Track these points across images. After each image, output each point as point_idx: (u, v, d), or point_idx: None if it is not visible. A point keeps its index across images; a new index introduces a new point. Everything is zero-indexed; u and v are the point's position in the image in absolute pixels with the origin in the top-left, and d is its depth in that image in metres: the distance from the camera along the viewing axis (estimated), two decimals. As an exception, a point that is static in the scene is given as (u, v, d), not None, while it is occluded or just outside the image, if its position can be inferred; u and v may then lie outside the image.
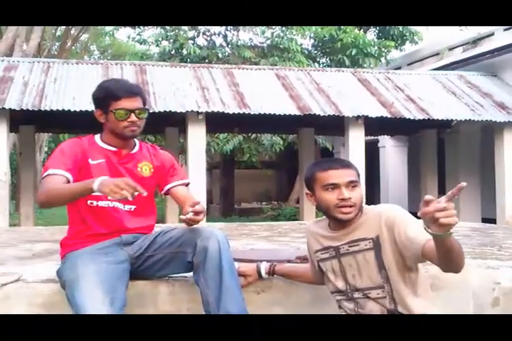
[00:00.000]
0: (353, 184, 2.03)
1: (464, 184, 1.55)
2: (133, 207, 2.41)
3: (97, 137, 2.48)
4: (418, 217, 1.75)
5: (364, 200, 2.13)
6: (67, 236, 2.44)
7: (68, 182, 2.26)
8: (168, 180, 2.52)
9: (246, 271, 2.42)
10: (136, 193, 2.01)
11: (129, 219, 2.40)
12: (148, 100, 9.89)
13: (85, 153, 2.37)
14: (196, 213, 2.18)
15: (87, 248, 2.32)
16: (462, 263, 1.75)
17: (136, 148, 2.49)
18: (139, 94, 2.39)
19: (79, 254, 2.28)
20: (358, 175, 2.09)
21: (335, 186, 2.02)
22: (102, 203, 2.36)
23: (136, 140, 2.51)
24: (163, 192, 2.54)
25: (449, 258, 1.72)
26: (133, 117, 2.35)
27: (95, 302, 2.03)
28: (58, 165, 2.28)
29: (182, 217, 2.18)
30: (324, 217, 2.17)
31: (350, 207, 2.01)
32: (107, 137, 2.44)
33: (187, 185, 2.58)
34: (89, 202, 2.34)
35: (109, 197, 2.10)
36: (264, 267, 2.42)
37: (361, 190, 2.08)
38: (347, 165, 2.09)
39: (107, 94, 2.36)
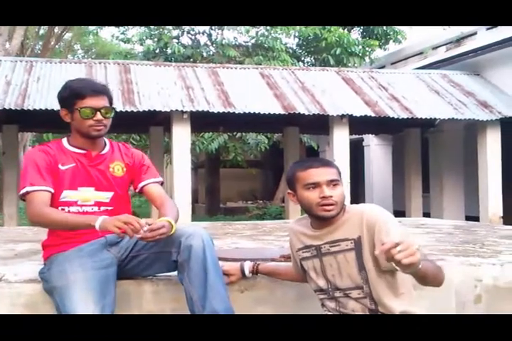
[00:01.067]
0: (334, 182, 2.04)
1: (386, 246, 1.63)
2: (109, 208, 2.39)
3: (65, 141, 2.45)
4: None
5: (348, 199, 2.13)
6: (48, 237, 2.41)
7: (52, 195, 2.28)
8: (142, 178, 2.49)
9: (229, 270, 2.43)
10: (143, 229, 2.05)
11: None
12: (132, 99, 9.86)
13: (55, 160, 2.35)
14: (152, 230, 2.10)
15: (73, 250, 2.29)
16: (441, 280, 1.81)
17: (107, 148, 2.46)
18: (104, 93, 2.37)
19: (65, 258, 2.25)
20: (339, 173, 2.10)
21: (316, 185, 2.03)
22: (73, 209, 2.34)
23: (106, 140, 2.48)
24: (137, 190, 2.51)
25: (425, 281, 1.79)
26: (98, 116, 2.32)
27: (87, 311, 2.03)
28: (38, 180, 2.27)
29: (137, 236, 2.08)
30: (306, 215, 2.18)
31: (332, 205, 2.02)
32: (75, 139, 2.42)
33: (161, 183, 2.55)
34: (60, 208, 2.33)
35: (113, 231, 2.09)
36: (247, 266, 2.43)
37: (342, 188, 2.08)
38: (327, 163, 2.11)
39: (71, 93, 2.35)
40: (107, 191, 2.40)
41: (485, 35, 12.31)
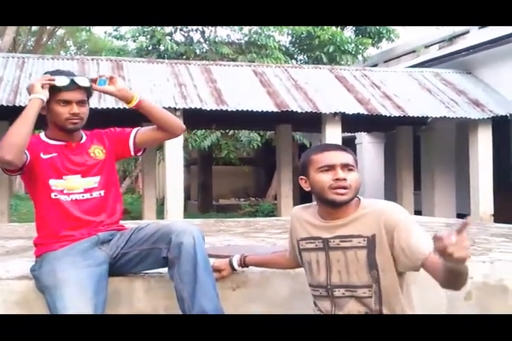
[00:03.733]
0: (349, 167, 1.96)
1: (469, 220, 1.55)
2: (101, 192, 2.39)
3: (42, 135, 2.43)
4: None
5: (360, 187, 2.05)
6: (38, 235, 2.39)
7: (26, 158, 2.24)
8: (126, 138, 2.50)
9: (219, 266, 2.42)
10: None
11: (95, 209, 2.38)
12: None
13: (36, 149, 2.31)
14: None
15: (65, 249, 2.27)
16: (465, 283, 1.75)
17: (84, 138, 2.45)
18: (81, 86, 2.33)
19: (57, 257, 2.23)
20: (356, 161, 2.02)
21: (330, 167, 1.95)
22: (62, 197, 2.32)
23: (82, 132, 2.46)
24: (133, 152, 2.52)
25: (454, 281, 1.73)
26: (74, 109, 2.30)
27: (79, 310, 2.03)
28: None
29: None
30: (313, 203, 2.09)
31: (345, 188, 1.93)
32: (52, 132, 2.40)
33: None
34: (53, 194, 2.32)
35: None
36: (235, 259, 2.42)
37: (358, 175, 1.99)
38: (343, 149, 2.03)
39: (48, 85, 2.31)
40: (94, 176, 2.39)
41: (477, 34, 12.36)
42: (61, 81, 2.30)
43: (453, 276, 1.68)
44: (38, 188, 2.36)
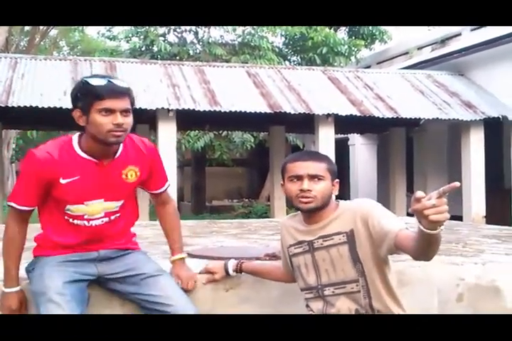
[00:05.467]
0: (318, 177, 2.05)
1: (457, 184, 1.55)
2: (118, 215, 2.25)
3: (75, 142, 2.14)
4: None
5: (333, 198, 2.14)
6: (42, 234, 2.27)
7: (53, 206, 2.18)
8: (156, 184, 2.36)
9: (213, 268, 2.43)
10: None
11: (108, 229, 2.25)
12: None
13: (55, 173, 2.09)
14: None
15: (59, 257, 2.20)
16: (436, 252, 1.76)
17: (120, 150, 2.17)
18: (126, 94, 2.10)
19: (48, 263, 2.18)
20: (331, 170, 2.09)
21: (298, 178, 2.06)
22: (78, 222, 2.19)
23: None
24: (146, 191, 2.38)
25: (429, 249, 1.72)
26: (119, 119, 2.04)
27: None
28: (23, 198, 2.14)
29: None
30: (299, 212, 2.18)
31: (309, 198, 2.04)
32: (87, 143, 2.12)
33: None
34: (65, 217, 2.19)
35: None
36: (231, 264, 2.43)
37: (327, 184, 2.07)
38: (318, 158, 2.11)
39: (89, 92, 2.04)
40: (118, 200, 2.21)
41: (469, 36, 12.41)
42: (97, 81, 2.06)
43: (426, 243, 1.68)
44: (51, 212, 2.21)
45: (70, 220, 2.19)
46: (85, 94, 2.05)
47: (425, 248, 1.71)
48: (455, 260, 2.93)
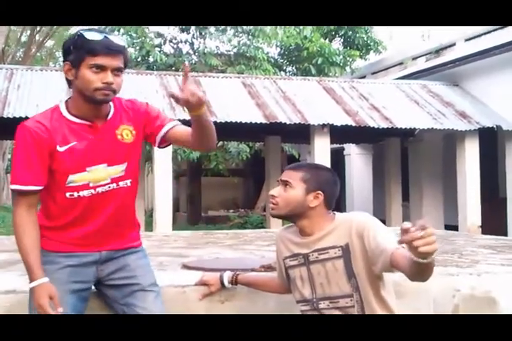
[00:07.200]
0: (286, 183, 2.08)
1: (426, 220, 1.54)
2: (128, 182, 2.11)
3: (63, 108, 2.06)
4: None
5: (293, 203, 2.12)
6: (43, 220, 2.11)
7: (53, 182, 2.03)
8: (157, 128, 2.16)
9: (209, 280, 2.43)
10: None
11: (122, 206, 2.12)
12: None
13: (51, 141, 2.00)
14: None
15: (58, 257, 2.09)
16: (431, 274, 1.76)
17: (112, 112, 2.09)
18: (121, 52, 2.00)
19: (46, 265, 2.04)
20: (308, 180, 2.07)
21: (279, 182, 2.12)
22: (85, 193, 2.05)
23: (110, 103, 2.10)
24: (157, 144, 2.19)
25: (423, 275, 1.73)
26: (109, 78, 1.95)
27: None
28: (27, 177, 2.00)
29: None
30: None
31: (273, 204, 2.09)
32: (76, 105, 2.04)
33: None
34: (68, 194, 2.04)
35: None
36: (227, 276, 2.43)
37: (296, 193, 2.06)
38: (297, 167, 2.14)
39: (83, 46, 1.95)
40: (120, 163, 2.09)
41: (463, 47, 12.50)
42: (93, 35, 1.95)
43: (419, 270, 1.69)
44: (52, 181, 2.05)
45: (75, 194, 2.04)
46: (78, 48, 1.96)
47: (419, 273, 1.72)
48: (451, 271, 2.93)
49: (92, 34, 1.96)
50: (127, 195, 2.15)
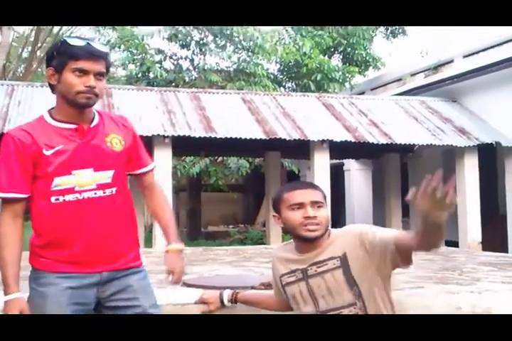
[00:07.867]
0: (318, 204, 2.07)
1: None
2: (114, 190, 2.10)
3: (47, 116, 2.13)
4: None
5: (329, 223, 2.16)
6: (34, 236, 2.10)
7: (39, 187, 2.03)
8: (140, 162, 2.26)
9: (208, 299, 2.42)
10: None
11: (108, 214, 2.09)
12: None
13: (36, 146, 2.03)
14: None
15: (58, 278, 2.06)
16: (443, 237, 1.77)
17: (97, 120, 2.13)
18: (102, 58, 2.06)
19: (48, 287, 2.03)
20: (325, 197, 2.13)
21: (300, 205, 2.06)
22: (70, 197, 2.03)
23: (94, 110, 2.15)
24: (130, 172, 2.25)
25: (433, 236, 1.74)
26: (91, 81, 2.00)
27: None
28: (10, 183, 2.00)
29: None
30: (291, 241, 2.19)
31: (316, 224, 2.03)
32: (60, 111, 2.10)
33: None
34: (53, 199, 2.03)
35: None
36: (226, 295, 2.42)
37: (327, 211, 2.11)
38: (313, 186, 2.16)
39: (65, 51, 2.02)
40: (107, 170, 2.10)
41: (462, 63, 12.57)
42: (75, 41, 2.02)
43: (431, 231, 1.71)
44: (36, 190, 2.05)
45: (61, 198, 2.03)
46: (61, 53, 2.03)
47: (431, 236, 1.73)
48: (451, 288, 2.92)
49: (75, 40, 2.04)
50: (116, 205, 2.12)
